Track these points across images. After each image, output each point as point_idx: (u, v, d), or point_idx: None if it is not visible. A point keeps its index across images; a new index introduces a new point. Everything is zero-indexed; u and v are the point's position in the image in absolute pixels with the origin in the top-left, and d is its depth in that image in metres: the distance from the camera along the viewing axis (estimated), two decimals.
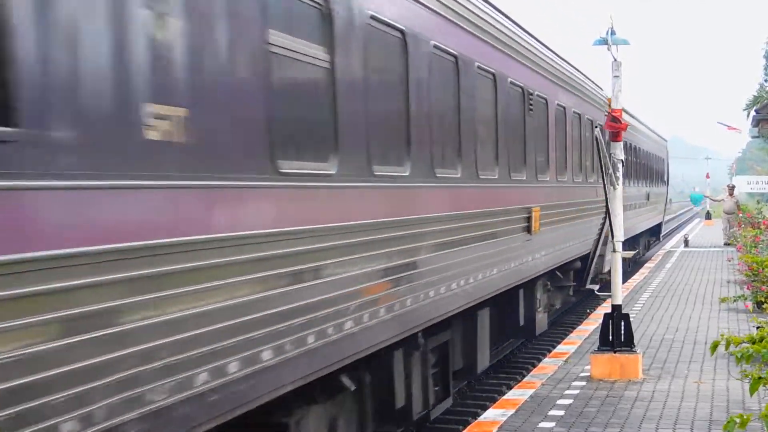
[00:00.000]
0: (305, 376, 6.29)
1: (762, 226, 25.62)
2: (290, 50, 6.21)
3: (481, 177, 10.77)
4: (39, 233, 3.95)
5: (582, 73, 19.20)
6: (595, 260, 20.04)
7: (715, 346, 6.75)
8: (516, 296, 13.89)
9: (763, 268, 16.64)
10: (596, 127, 17.46)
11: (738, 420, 5.49)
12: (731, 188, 35.75)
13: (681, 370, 11.42)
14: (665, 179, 41.69)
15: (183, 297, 4.84)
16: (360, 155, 7.25)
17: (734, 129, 55.25)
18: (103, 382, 4.27)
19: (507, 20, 12.58)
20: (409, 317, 8.34)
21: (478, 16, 10.91)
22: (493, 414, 9.45)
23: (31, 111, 3.91)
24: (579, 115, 17.91)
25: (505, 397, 10.59)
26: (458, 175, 9.95)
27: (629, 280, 21.79)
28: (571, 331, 15.45)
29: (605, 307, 13.99)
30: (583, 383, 10.77)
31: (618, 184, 11.33)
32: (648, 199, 31.63)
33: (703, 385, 10.52)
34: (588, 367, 11.35)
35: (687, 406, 9.57)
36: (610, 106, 11.23)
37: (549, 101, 14.83)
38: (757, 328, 9.23)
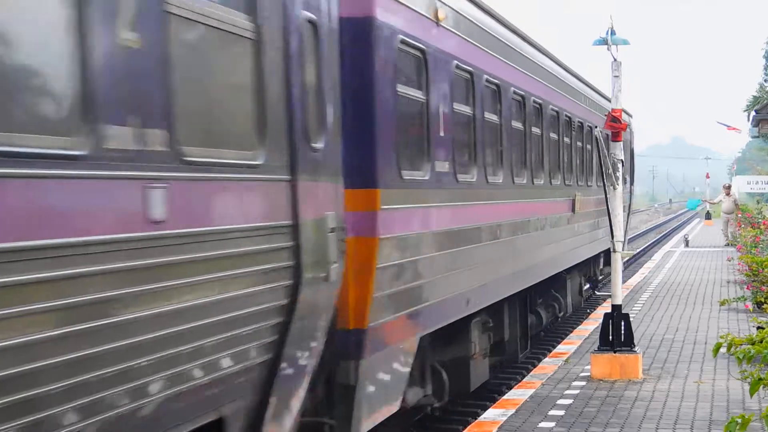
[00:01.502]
0: None
1: (762, 226, 25.61)
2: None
3: None
4: None
5: None
6: None
7: (717, 348, 6.75)
8: None
9: (763, 268, 16.63)
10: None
11: (739, 420, 5.49)
12: (728, 188, 35.70)
13: (681, 370, 11.41)
14: (627, 176, 24.95)
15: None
16: None
17: (734, 129, 55.19)
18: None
19: None
20: None
21: None
22: (493, 414, 9.45)
23: None
24: None
25: (505, 397, 10.59)
26: None
27: (629, 280, 21.79)
28: (571, 331, 15.45)
29: (605, 307, 13.99)
30: (583, 383, 10.76)
31: (618, 184, 11.32)
32: (574, 210, 17.16)
33: (703, 385, 10.52)
34: (588, 367, 11.35)
35: (687, 406, 9.57)
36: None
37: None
38: (758, 328, 9.24)
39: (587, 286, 21.93)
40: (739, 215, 32.91)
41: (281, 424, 6.30)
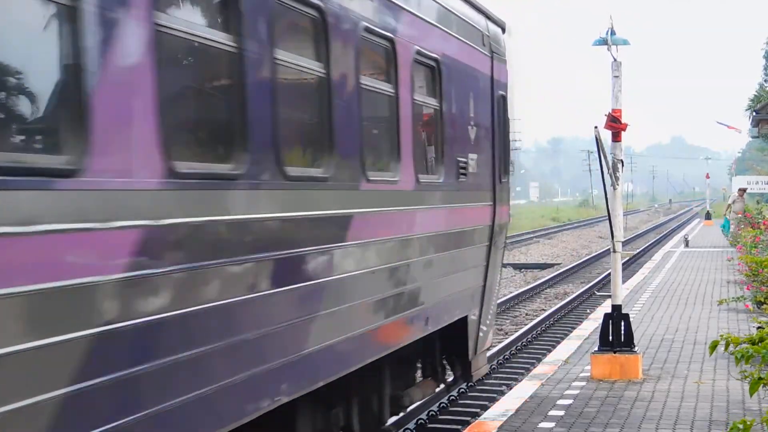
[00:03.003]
0: None
1: (762, 226, 25.63)
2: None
3: None
4: None
5: None
6: None
7: (714, 346, 6.75)
8: None
9: (763, 269, 16.63)
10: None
11: (741, 426, 5.48)
12: (743, 190, 36.40)
13: (681, 370, 11.41)
14: (495, 154, 10.77)
15: None
16: None
17: (734, 129, 55.21)
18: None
19: None
20: None
21: None
22: (493, 414, 9.45)
23: None
24: None
25: (505, 397, 10.59)
26: None
27: (629, 281, 21.80)
28: (571, 331, 15.46)
29: (605, 307, 13.99)
30: (583, 383, 10.76)
31: (618, 185, 11.31)
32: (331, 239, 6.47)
33: (703, 385, 10.52)
34: (588, 367, 11.35)
35: (687, 406, 9.57)
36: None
37: None
38: (758, 328, 9.24)
39: None
40: (740, 215, 33.01)
41: None
